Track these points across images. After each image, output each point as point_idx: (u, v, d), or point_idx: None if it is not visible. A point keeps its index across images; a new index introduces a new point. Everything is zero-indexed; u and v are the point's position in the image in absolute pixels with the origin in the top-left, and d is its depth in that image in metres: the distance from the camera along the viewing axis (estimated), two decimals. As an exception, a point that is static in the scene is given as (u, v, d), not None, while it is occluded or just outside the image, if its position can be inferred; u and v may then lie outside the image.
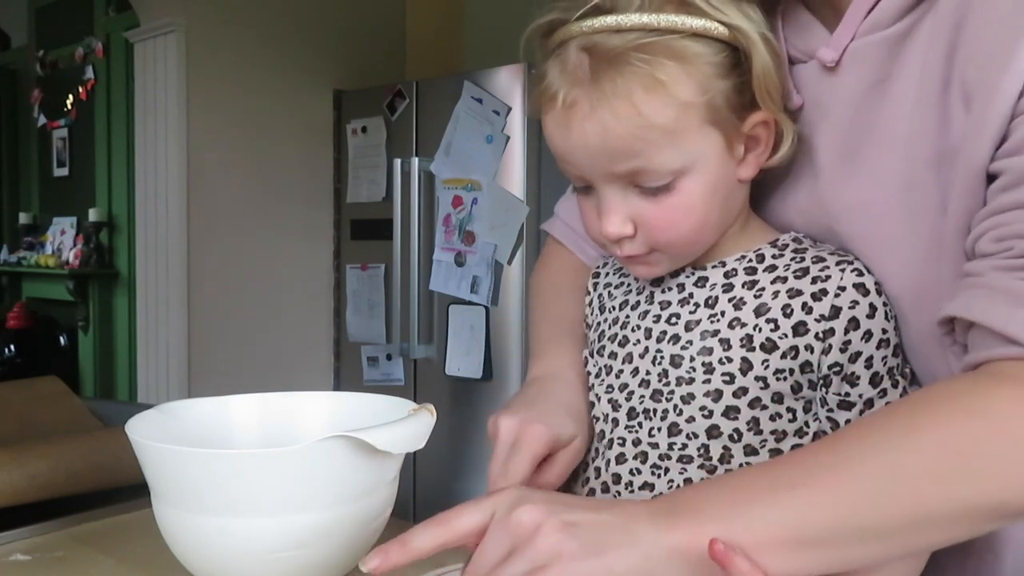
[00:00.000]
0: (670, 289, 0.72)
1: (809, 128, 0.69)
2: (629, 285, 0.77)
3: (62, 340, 4.12)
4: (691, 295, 0.70)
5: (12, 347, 4.08)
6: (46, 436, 0.90)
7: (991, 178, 0.56)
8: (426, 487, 2.67)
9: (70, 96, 4.10)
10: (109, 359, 3.93)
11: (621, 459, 0.72)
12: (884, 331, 0.64)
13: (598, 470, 0.74)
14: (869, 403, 0.65)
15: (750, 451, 0.66)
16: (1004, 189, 0.55)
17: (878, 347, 0.64)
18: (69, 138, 4.18)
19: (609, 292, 0.78)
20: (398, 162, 2.74)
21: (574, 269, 0.87)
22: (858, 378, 0.64)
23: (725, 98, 0.62)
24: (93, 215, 3.84)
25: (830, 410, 0.66)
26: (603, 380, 0.74)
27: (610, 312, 0.76)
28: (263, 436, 0.75)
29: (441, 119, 2.70)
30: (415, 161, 2.69)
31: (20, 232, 4.44)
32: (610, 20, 0.60)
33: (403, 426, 0.63)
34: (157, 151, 2.75)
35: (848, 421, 0.65)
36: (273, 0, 2.91)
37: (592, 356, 0.76)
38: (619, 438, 0.72)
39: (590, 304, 0.80)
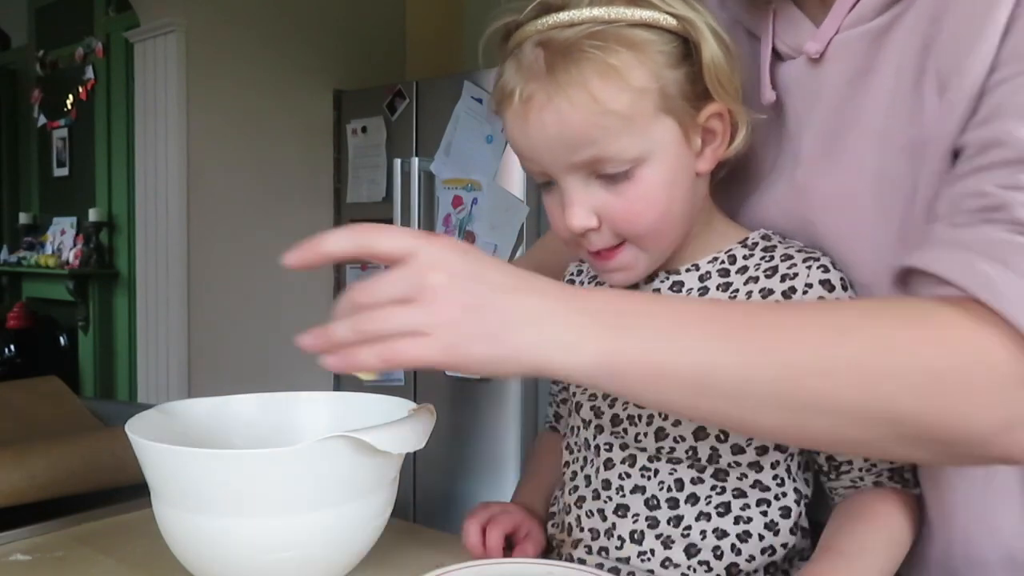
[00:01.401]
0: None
1: (795, 123, 0.70)
2: None
3: (62, 340, 4.12)
4: None
5: (12, 347, 4.08)
6: (46, 436, 0.90)
7: (956, 157, 0.57)
8: (426, 487, 2.67)
9: (70, 96, 4.10)
10: (109, 359, 3.93)
11: (609, 464, 0.72)
12: None
13: (588, 478, 0.74)
14: None
15: (737, 450, 0.68)
16: (964, 161, 0.56)
17: None
18: (69, 138, 4.18)
19: None
20: (398, 162, 2.74)
21: None
22: None
23: (678, 87, 0.63)
24: (93, 215, 3.84)
25: None
26: (584, 388, 0.74)
27: None
28: (263, 436, 0.75)
29: (441, 119, 2.70)
30: (415, 161, 2.69)
31: (20, 232, 4.44)
32: (563, 16, 0.62)
33: (403, 426, 0.63)
34: (157, 151, 2.75)
35: None
36: (273, 0, 2.91)
37: None
38: (605, 443, 0.72)
39: None
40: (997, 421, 0.49)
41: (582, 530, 0.74)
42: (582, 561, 0.73)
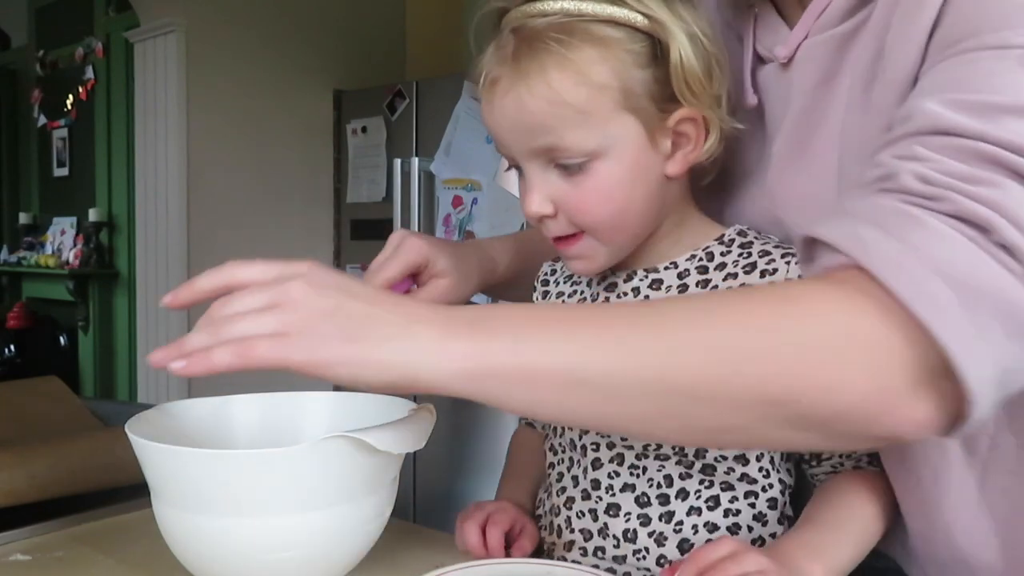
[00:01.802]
0: (625, 294, 0.73)
1: (771, 125, 0.71)
2: (582, 293, 0.77)
3: (62, 340, 4.12)
4: (647, 298, 0.71)
5: (12, 347, 4.08)
6: (46, 436, 0.90)
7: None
8: (426, 487, 2.67)
9: (70, 96, 4.10)
10: (109, 359, 3.93)
11: (597, 464, 0.72)
12: None
13: (575, 478, 0.74)
14: None
15: None
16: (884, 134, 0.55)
17: None
18: (69, 138, 4.18)
19: (563, 301, 0.78)
20: (398, 162, 2.74)
21: None
22: None
23: (644, 88, 0.63)
24: (93, 215, 3.84)
25: None
26: None
27: None
28: (263, 436, 0.75)
29: (441, 119, 2.70)
30: (415, 161, 2.69)
31: (20, 232, 4.44)
32: (536, 6, 0.63)
33: (403, 426, 0.63)
34: (157, 151, 2.75)
35: None
36: (273, 0, 2.91)
37: None
38: (592, 443, 0.72)
39: None
40: (872, 392, 0.46)
41: (573, 531, 0.74)
42: (576, 563, 0.73)
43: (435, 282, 0.76)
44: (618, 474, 0.71)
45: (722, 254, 0.70)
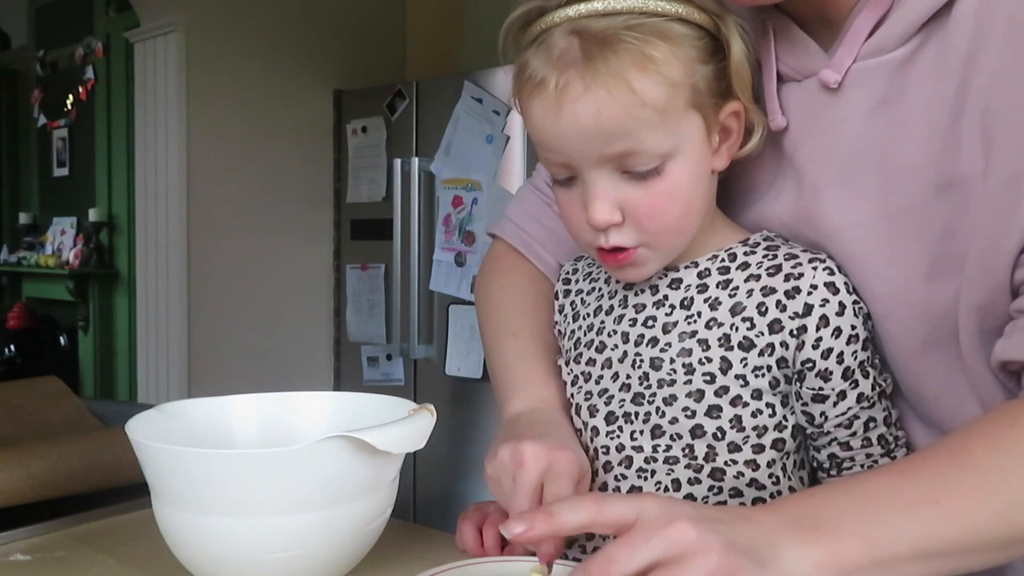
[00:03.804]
0: (643, 291, 0.72)
1: (793, 145, 0.69)
2: (601, 291, 0.77)
3: (62, 340, 4.12)
4: (666, 297, 0.71)
5: (12, 347, 4.08)
6: (46, 436, 0.90)
7: None
8: (426, 487, 2.67)
9: (70, 96, 4.10)
10: (109, 359, 3.93)
11: (608, 467, 0.72)
12: (853, 327, 0.66)
13: None
14: (842, 395, 0.66)
15: (733, 448, 0.67)
16: None
17: (848, 343, 0.66)
18: (69, 138, 4.18)
19: (582, 299, 0.78)
20: (398, 162, 2.74)
21: (531, 279, 0.85)
22: (831, 373, 0.66)
23: (706, 83, 0.64)
24: (93, 215, 3.85)
25: (804, 404, 0.68)
26: (581, 387, 0.74)
27: (584, 319, 0.76)
28: (263, 436, 0.75)
29: (441, 119, 2.70)
30: (415, 161, 2.69)
31: (20, 232, 4.44)
32: (598, 5, 0.61)
33: (403, 426, 0.63)
34: (157, 151, 2.75)
35: (823, 414, 0.67)
36: (273, 0, 2.91)
37: (568, 364, 0.76)
38: (602, 446, 0.72)
39: (561, 311, 0.80)
40: None
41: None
42: (575, 560, 0.73)
43: (583, 484, 0.68)
44: (625, 476, 0.71)
45: (745, 255, 0.69)
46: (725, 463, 0.68)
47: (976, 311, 0.61)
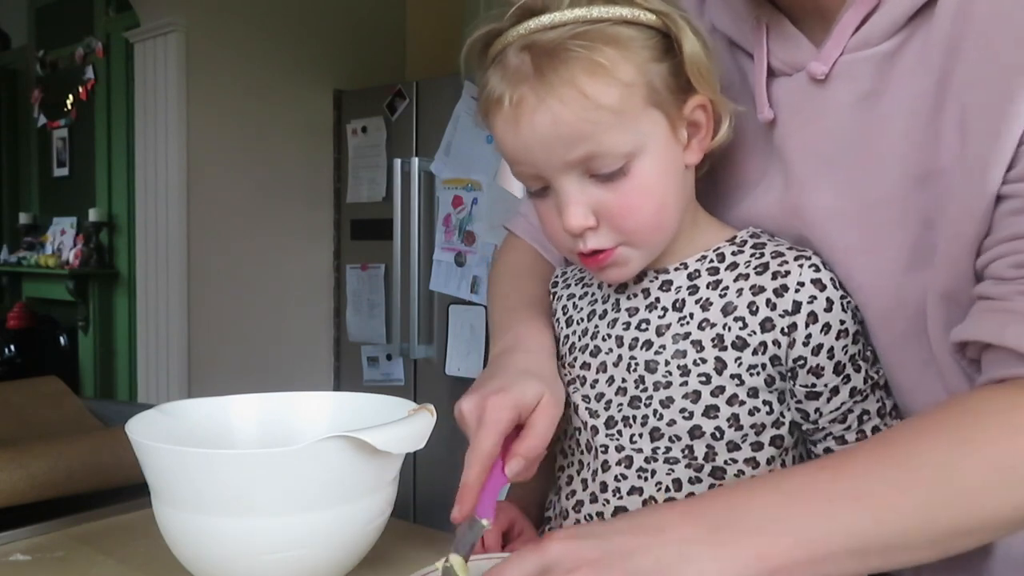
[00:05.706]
0: (635, 295, 0.73)
1: (782, 138, 0.70)
2: (593, 295, 0.77)
3: (62, 340, 4.12)
4: (657, 299, 0.71)
5: (12, 347, 4.08)
6: (46, 436, 0.90)
7: (998, 201, 0.58)
8: (426, 487, 2.67)
9: (70, 96, 4.10)
10: (109, 359, 3.93)
11: (606, 467, 0.72)
12: (842, 322, 0.66)
13: (585, 481, 0.74)
14: (835, 390, 0.67)
15: (732, 447, 0.68)
16: (1014, 213, 0.57)
17: (837, 337, 0.66)
18: (69, 138, 4.18)
19: (574, 303, 0.79)
20: (398, 162, 2.74)
21: (534, 258, 0.89)
22: (822, 369, 0.66)
23: (663, 80, 0.64)
24: (93, 215, 3.84)
25: (799, 401, 0.68)
26: (577, 390, 0.74)
27: (578, 324, 0.77)
28: (263, 436, 0.76)
29: (441, 119, 2.70)
30: (415, 161, 2.69)
31: (20, 232, 4.44)
32: (545, 19, 0.63)
33: (403, 426, 0.63)
34: (157, 151, 2.75)
35: (817, 410, 0.68)
36: (273, 0, 2.91)
37: (563, 368, 0.76)
38: (601, 446, 0.72)
39: (554, 315, 0.80)
40: None
41: None
42: None
43: (538, 414, 0.67)
44: (625, 477, 0.71)
45: (734, 254, 0.70)
46: (725, 462, 0.68)
47: (942, 300, 0.62)
